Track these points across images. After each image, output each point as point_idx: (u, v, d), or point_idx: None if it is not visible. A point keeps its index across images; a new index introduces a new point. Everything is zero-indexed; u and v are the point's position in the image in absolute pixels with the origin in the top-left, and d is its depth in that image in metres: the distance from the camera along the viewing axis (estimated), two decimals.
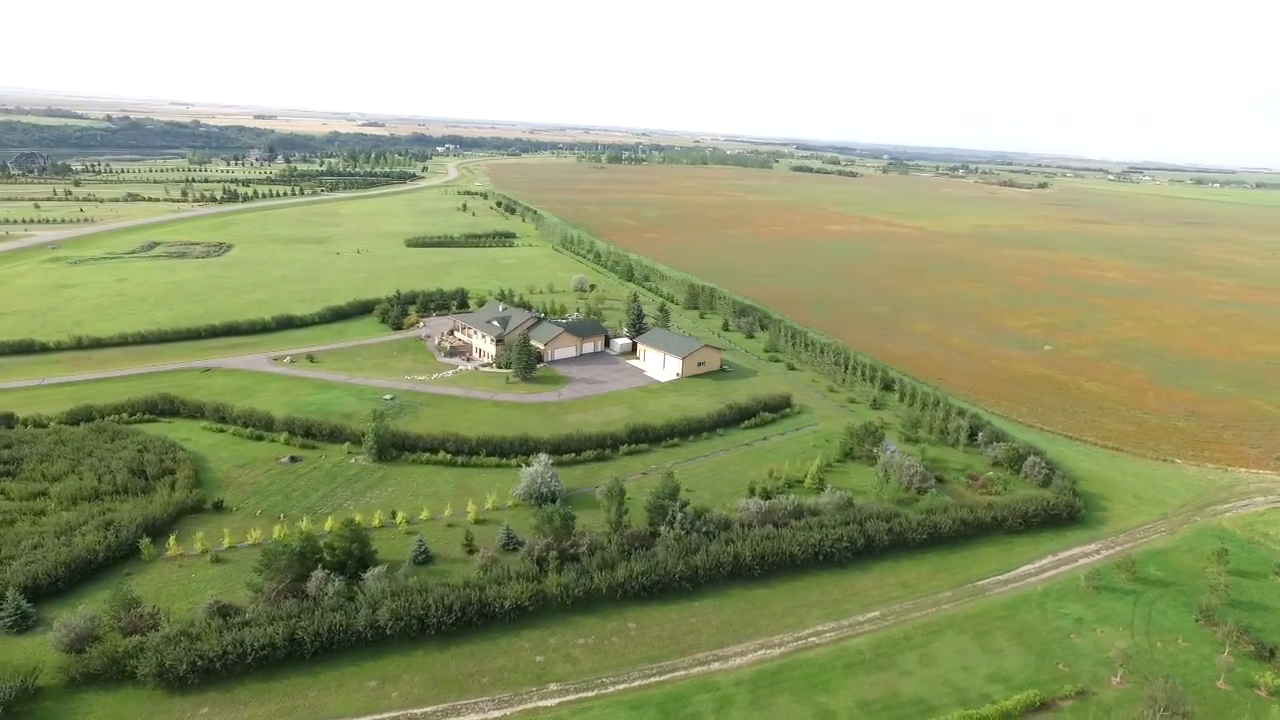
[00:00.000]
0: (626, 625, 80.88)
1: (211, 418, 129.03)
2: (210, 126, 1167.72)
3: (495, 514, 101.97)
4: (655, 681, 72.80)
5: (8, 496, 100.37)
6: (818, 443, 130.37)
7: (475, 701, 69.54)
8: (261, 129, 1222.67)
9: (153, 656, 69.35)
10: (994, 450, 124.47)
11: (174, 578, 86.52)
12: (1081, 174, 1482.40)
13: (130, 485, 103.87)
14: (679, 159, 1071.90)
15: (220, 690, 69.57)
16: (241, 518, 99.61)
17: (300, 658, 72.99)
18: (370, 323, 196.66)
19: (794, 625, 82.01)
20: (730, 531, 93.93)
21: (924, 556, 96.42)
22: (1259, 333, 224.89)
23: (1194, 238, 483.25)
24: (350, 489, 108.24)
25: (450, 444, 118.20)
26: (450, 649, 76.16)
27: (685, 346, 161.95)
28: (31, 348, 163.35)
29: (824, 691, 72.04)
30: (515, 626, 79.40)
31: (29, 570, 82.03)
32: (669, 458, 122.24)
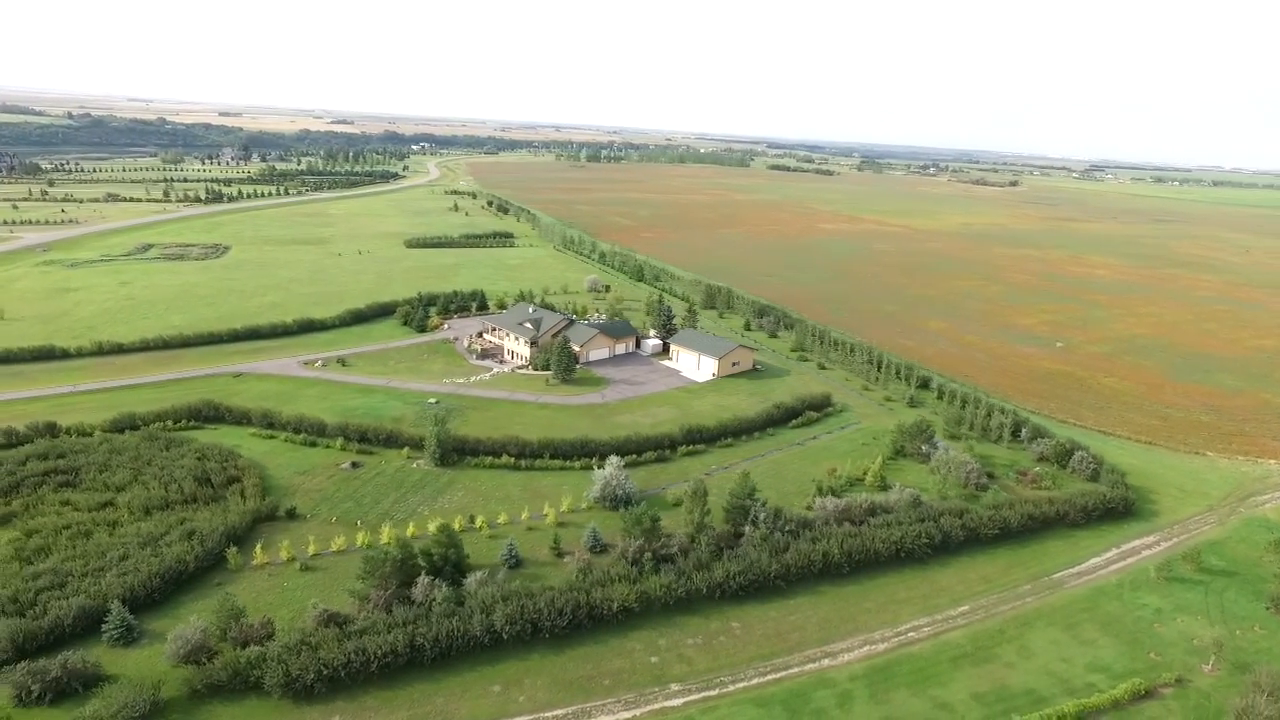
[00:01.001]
0: (729, 625, 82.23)
1: (259, 424, 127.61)
2: (176, 124, 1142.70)
3: (572, 517, 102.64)
4: (772, 679, 74.25)
5: (75, 507, 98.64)
6: (865, 441, 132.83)
7: (602, 703, 70.36)
8: (229, 127, 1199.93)
9: (278, 666, 69.10)
10: (1039, 446, 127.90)
11: (266, 586, 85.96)
12: (1048, 172, 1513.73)
13: (199, 494, 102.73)
14: (657, 157, 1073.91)
15: (346, 698, 69.57)
16: (317, 525, 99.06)
17: (420, 664, 73.22)
18: (392, 325, 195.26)
19: (890, 621, 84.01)
20: (813, 530, 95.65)
21: (995, 551, 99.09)
22: (1255, 328, 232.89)
23: (1168, 235, 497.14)
24: (419, 494, 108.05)
25: (512, 447, 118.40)
26: (564, 652, 76.85)
27: (720, 347, 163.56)
28: (52, 353, 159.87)
29: (937, 685, 74.06)
30: (623, 628, 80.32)
31: (125, 582, 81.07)
32: (726, 458, 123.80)
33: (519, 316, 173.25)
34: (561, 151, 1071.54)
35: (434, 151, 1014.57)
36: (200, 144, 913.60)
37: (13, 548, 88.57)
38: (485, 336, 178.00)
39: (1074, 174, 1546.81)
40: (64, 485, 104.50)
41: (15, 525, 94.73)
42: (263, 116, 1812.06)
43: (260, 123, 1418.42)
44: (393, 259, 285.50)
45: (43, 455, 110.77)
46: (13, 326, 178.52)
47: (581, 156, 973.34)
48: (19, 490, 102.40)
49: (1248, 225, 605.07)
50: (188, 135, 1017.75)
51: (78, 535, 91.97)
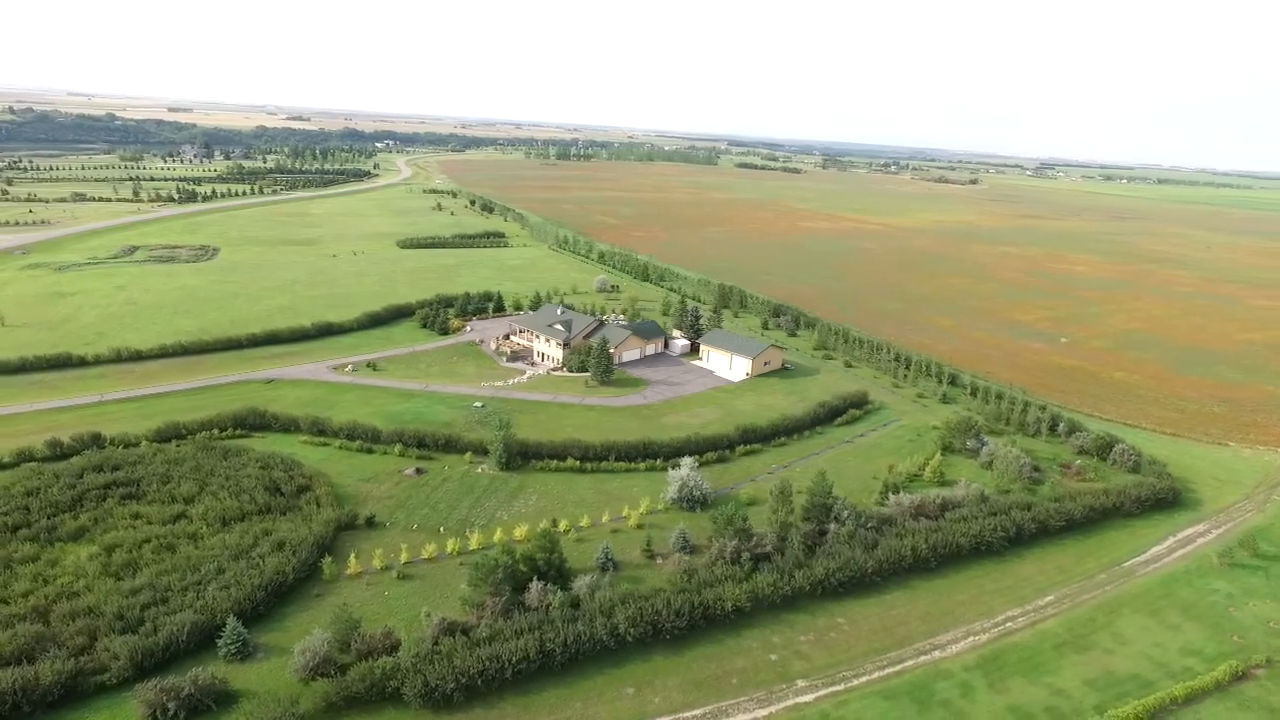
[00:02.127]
0: (835, 621, 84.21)
1: (308, 431, 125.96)
2: (127, 120, 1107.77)
3: (651, 518, 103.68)
4: (891, 672, 76.41)
5: (147, 520, 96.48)
6: (911, 438, 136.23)
7: (736, 702, 71.72)
8: (182, 123, 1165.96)
9: (416, 676, 68.98)
10: (1078, 440, 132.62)
11: (366, 596, 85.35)
12: (1002, 170, 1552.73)
13: (272, 504, 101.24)
14: (625, 155, 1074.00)
15: (484, 706, 69.77)
16: (398, 532, 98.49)
17: (550, 669, 73.64)
18: (411, 328, 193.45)
19: (985, 612, 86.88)
20: (895, 526, 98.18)
21: (1063, 542, 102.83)
22: (1239, 322, 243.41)
23: (1132, 232, 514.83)
24: (492, 499, 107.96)
25: (575, 450, 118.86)
26: (685, 653, 78.00)
27: (752, 347, 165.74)
28: (69, 361, 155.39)
29: (1048, 673, 77.00)
30: (735, 627, 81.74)
31: (231, 595, 79.89)
32: (782, 457, 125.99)
33: (547, 318, 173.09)
34: (530, 149, 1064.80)
35: (399, 149, 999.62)
36: (153, 141, 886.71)
37: (99, 563, 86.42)
38: (513, 339, 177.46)
39: (1027, 172, 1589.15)
40: (128, 497, 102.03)
41: (90, 540, 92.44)
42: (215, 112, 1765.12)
43: (214, 119, 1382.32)
44: (390, 260, 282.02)
45: (97, 467, 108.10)
46: (17, 334, 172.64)
47: (551, 154, 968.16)
48: (83, 503, 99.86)
49: (1201, 222, 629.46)
50: (139, 132, 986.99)
51: (161, 549, 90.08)
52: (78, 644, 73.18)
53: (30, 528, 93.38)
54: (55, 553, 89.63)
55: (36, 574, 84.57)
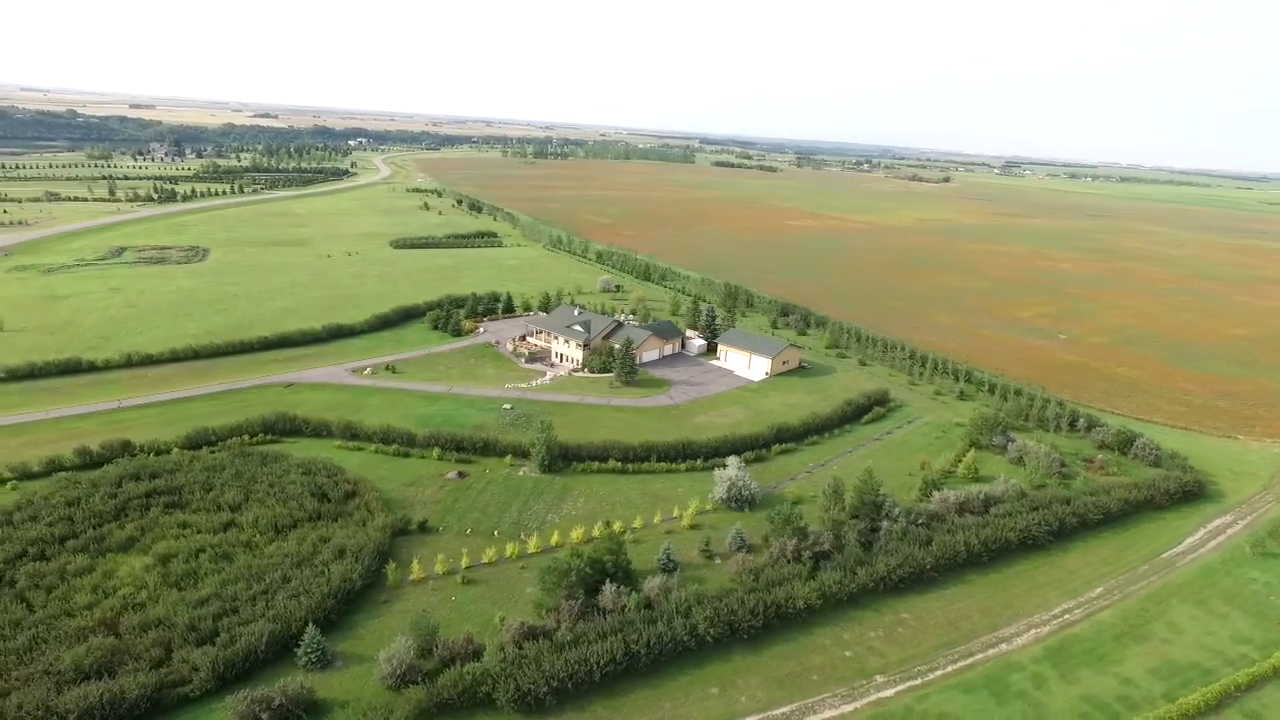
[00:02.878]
0: (901, 616, 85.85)
1: (340, 435, 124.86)
2: (89, 117, 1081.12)
3: (701, 518, 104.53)
4: (964, 665, 78.22)
5: (196, 529, 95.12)
6: (937, 435, 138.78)
7: (820, 699, 72.95)
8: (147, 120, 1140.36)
9: (508, 681, 69.16)
10: (1098, 434, 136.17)
11: (433, 601, 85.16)
12: (971, 168, 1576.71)
13: (322, 510, 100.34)
14: (602, 154, 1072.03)
15: (575, 709, 70.17)
16: (453, 537, 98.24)
17: (635, 671, 74.19)
18: (422, 329, 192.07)
19: (1041, 605, 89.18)
20: (945, 523, 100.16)
21: (1101, 535, 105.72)
22: (1224, 318, 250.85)
23: (1107, 229, 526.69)
24: (540, 501, 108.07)
25: (616, 451, 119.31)
26: (762, 651, 79.05)
27: (771, 346, 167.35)
28: (79, 366, 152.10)
29: (1112, 663, 79.37)
30: (806, 625, 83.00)
31: (302, 604, 79.32)
32: (817, 455, 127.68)
33: (565, 319, 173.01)
34: (507, 148, 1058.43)
35: (373, 147, 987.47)
36: (118, 138, 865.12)
37: (158, 574, 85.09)
38: (530, 340, 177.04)
39: (995, 170, 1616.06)
40: (172, 506, 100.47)
41: (141, 550, 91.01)
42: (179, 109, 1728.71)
43: (179, 115, 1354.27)
44: (386, 260, 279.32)
45: (134, 475, 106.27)
46: (19, 338, 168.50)
47: (529, 153, 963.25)
48: (126, 513, 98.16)
49: (1169, 220, 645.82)
50: (102, 129, 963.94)
51: (217, 558, 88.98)
52: (153, 656, 72.27)
53: (78, 538, 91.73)
54: (107, 563, 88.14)
55: (95, 586, 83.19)
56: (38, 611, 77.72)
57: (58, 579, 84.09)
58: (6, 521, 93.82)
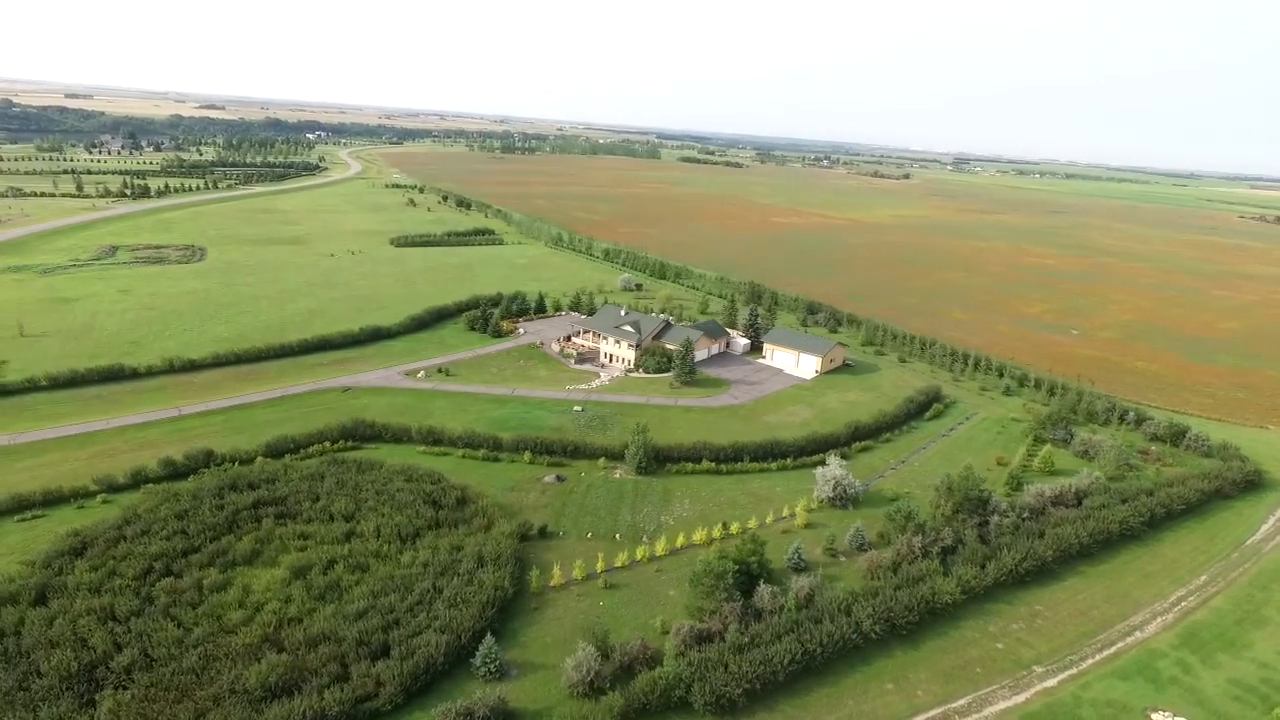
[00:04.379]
0: (1035, 608, 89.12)
1: (421, 441, 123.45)
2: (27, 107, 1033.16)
3: (810, 515, 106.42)
4: (1111, 653, 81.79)
5: (320, 540, 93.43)
6: (998, 430, 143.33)
7: (990, 690, 75.53)
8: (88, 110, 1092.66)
9: (703, 684, 70.09)
10: (1149, 428, 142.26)
11: (583, 606, 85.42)
12: (925, 165, 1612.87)
13: (441, 518, 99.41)
14: (568, 149, 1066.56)
15: (765, 709, 71.42)
16: (575, 541, 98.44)
17: (811, 669, 75.74)
18: (457, 330, 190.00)
19: (1158, 594, 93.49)
20: (1046, 516, 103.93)
21: (1183, 524, 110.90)
22: (1213, 312, 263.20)
23: (1073, 225, 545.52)
24: (648, 504, 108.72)
25: (707, 453, 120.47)
26: (920, 646, 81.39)
27: (819, 345, 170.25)
28: (122, 373, 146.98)
29: (1243, 647, 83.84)
30: (951, 619, 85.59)
31: (466, 614, 78.90)
32: (895, 453, 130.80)
33: (612, 320, 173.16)
34: (471, 142, 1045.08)
35: (334, 141, 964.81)
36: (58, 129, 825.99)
37: (301, 587, 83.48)
38: (575, 340, 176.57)
39: (947, 167, 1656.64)
40: (282, 517, 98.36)
41: (267, 563, 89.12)
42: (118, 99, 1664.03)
43: (120, 106, 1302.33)
44: (392, 259, 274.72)
45: (231, 486, 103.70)
46: (44, 344, 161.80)
47: (496, 148, 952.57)
48: (238, 524, 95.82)
49: (1124, 216, 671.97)
50: (42, 119, 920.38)
51: (353, 569, 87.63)
52: (331, 671, 71.07)
53: (200, 552, 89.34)
54: (240, 577, 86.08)
55: (238, 601, 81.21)
56: (196, 630, 75.54)
57: (197, 595, 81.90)
58: (119, 537, 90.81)
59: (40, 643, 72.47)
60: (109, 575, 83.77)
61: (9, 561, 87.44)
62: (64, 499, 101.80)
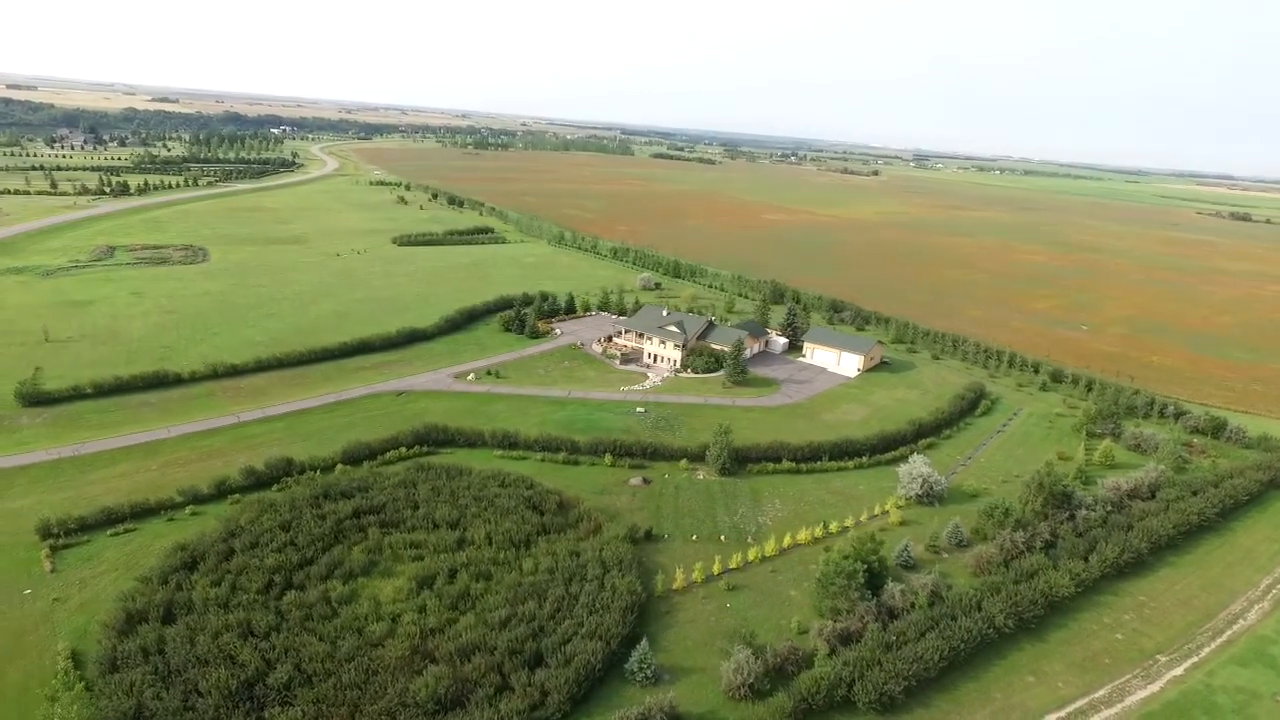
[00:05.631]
0: (1139, 599, 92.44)
1: (496, 445, 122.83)
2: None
3: (900, 513, 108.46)
4: (1223, 641, 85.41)
5: (432, 549, 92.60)
6: (1047, 425, 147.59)
7: (1124, 680, 78.33)
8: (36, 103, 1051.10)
9: (866, 682, 71.48)
10: (1188, 421, 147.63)
11: (711, 608, 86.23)
12: (889, 161, 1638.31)
13: (548, 523, 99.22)
14: (540, 145, 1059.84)
15: (922, 706, 73.08)
16: (681, 543, 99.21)
17: (955, 665, 77.61)
18: (491, 331, 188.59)
19: (1248, 582, 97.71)
20: (1127, 510, 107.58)
21: (1248, 514, 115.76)
22: (1205, 307, 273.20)
23: (1047, 222, 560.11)
24: (741, 504, 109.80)
25: (785, 452, 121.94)
26: (1046, 638, 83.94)
27: (860, 344, 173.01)
28: (166, 379, 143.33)
29: None
30: (1068, 612, 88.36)
31: (607, 619, 79.15)
32: (959, 448, 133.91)
33: (654, 320, 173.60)
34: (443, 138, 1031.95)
35: (301, 136, 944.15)
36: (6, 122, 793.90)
37: (434, 597, 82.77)
38: (617, 340, 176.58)
39: (910, 163, 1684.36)
40: (386, 525, 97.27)
41: (384, 573, 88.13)
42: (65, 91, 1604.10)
43: (68, 98, 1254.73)
44: (400, 259, 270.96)
45: (325, 495, 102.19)
46: (73, 349, 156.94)
47: (469, 143, 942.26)
48: (343, 534, 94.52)
49: (1092, 212, 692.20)
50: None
51: (476, 577, 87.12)
52: (493, 682, 70.84)
53: (314, 564, 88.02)
54: (364, 588, 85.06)
55: (372, 613, 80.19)
56: (343, 644, 74.43)
57: (327, 608, 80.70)
58: (229, 551, 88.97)
59: (189, 661, 70.85)
60: (232, 590, 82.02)
61: (122, 578, 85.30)
62: (151, 511, 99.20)
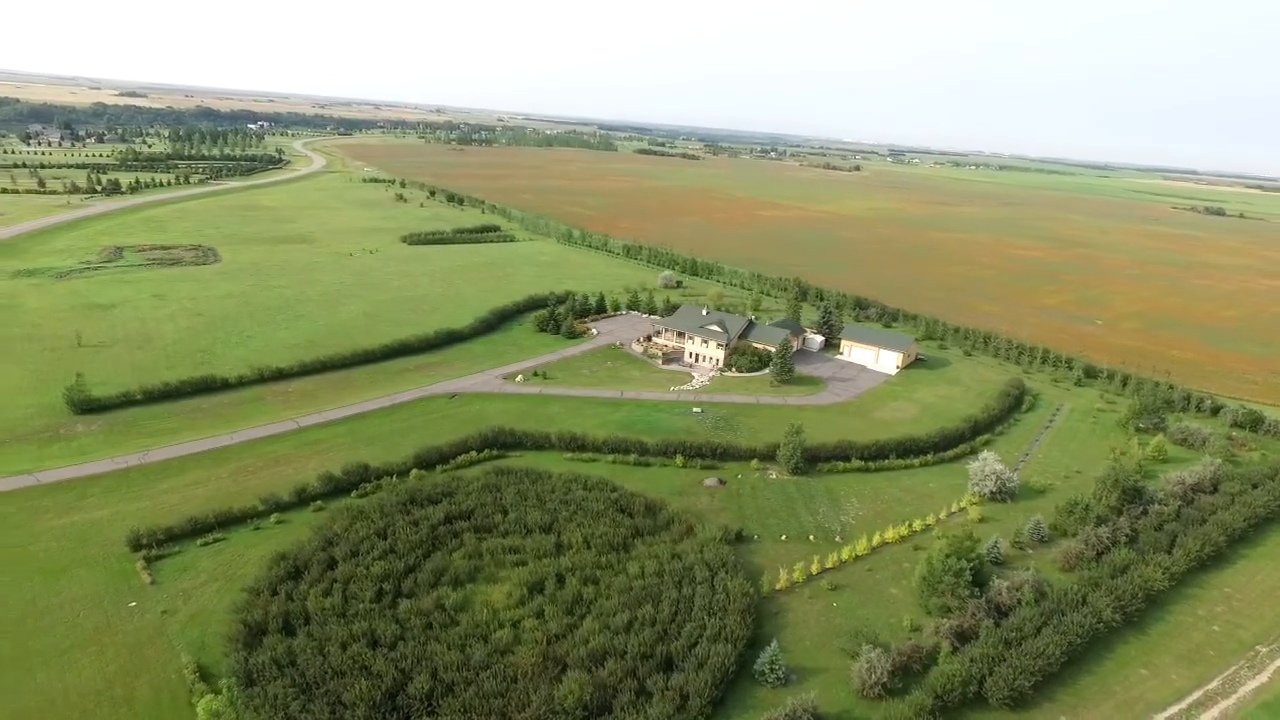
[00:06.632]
0: (1224, 591, 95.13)
1: (564, 447, 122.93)
2: None
3: (978, 510, 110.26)
4: None
5: (533, 554, 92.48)
6: (1092, 420, 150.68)
7: (1233, 671, 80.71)
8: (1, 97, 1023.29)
9: (998, 679, 72.89)
10: (1226, 415, 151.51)
11: (818, 609, 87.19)
12: (867, 156, 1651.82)
13: (640, 526, 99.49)
14: (524, 141, 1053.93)
15: (1048, 700, 74.66)
16: (771, 544, 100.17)
17: (1072, 660, 79.30)
18: (527, 330, 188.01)
19: None
20: (1196, 503, 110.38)
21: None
22: (1207, 301, 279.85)
23: (1032, 217, 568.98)
24: (820, 503, 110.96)
25: (853, 451, 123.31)
26: (1146, 631, 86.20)
27: (898, 342, 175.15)
28: (214, 384, 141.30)
29: None
30: (1161, 605, 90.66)
31: (732, 622, 79.80)
32: (1014, 445, 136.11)
33: (694, 319, 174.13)
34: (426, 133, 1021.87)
35: (278, 131, 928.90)
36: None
37: (548, 603, 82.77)
38: (657, 340, 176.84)
39: (886, 158, 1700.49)
40: (480, 530, 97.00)
41: (488, 579, 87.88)
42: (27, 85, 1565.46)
43: (33, 92, 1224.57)
44: (414, 258, 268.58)
45: (411, 500, 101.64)
46: (109, 355, 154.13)
47: (452, 139, 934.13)
48: (439, 541, 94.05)
49: (1071, 206, 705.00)
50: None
51: (585, 582, 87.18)
52: (631, 686, 71.19)
53: (419, 571, 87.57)
54: (475, 595, 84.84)
55: (491, 620, 79.99)
56: (474, 652, 74.16)
57: (444, 615, 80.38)
58: (331, 559, 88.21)
59: (325, 672, 70.26)
60: (344, 599, 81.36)
61: (224, 589, 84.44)
62: (236, 520, 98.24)
